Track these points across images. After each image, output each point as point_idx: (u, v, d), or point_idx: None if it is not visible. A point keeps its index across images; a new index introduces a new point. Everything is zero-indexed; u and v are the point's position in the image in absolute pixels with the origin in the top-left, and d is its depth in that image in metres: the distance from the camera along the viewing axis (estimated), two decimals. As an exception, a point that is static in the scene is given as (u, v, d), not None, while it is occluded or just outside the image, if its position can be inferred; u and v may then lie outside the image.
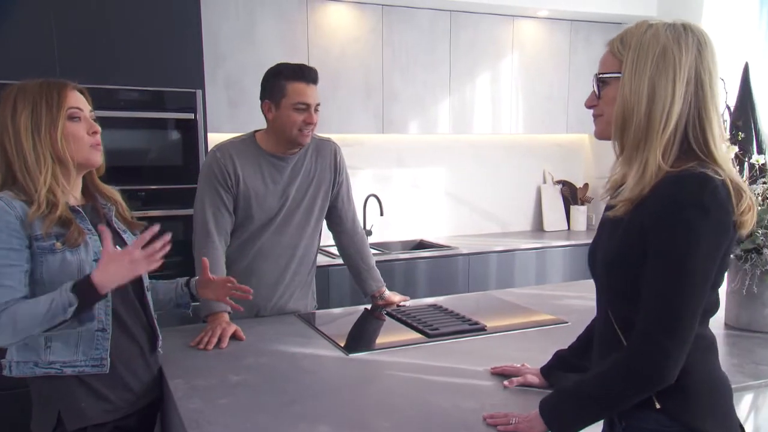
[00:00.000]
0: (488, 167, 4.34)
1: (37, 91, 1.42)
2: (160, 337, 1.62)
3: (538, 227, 4.51)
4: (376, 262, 3.39)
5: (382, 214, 3.86)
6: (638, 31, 1.15)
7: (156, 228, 1.41)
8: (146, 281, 1.60)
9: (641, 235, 1.13)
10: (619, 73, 1.16)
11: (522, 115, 4.10)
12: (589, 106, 1.27)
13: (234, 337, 1.85)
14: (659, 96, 1.12)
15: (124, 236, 1.56)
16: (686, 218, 1.08)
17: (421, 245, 4.00)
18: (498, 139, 4.31)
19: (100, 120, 1.53)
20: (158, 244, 1.41)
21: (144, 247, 1.39)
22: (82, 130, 1.46)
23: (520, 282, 3.81)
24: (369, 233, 3.93)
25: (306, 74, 2.02)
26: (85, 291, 1.35)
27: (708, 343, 1.21)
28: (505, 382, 1.51)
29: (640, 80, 1.13)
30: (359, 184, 3.96)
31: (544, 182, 4.52)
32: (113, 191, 1.61)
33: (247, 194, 2.05)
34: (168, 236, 1.43)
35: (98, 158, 1.50)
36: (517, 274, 3.85)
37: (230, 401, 1.40)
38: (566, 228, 4.49)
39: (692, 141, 1.14)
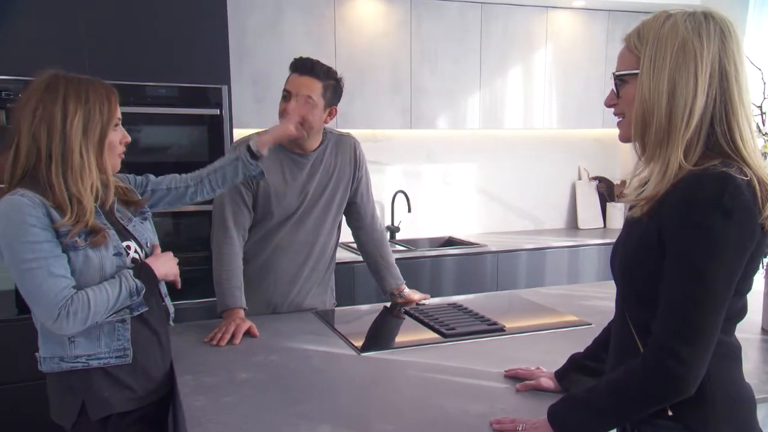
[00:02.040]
0: (520, 163, 4.25)
1: (92, 92, 1.42)
2: (171, 313, 1.64)
3: (573, 225, 4.39)
4: (403, 259, 3.37)
5: (409, 211, 3.82)
6: (655, 24, 1.08)
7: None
8: None
9: (659, 236, 1.07)
10: (637, 70, 1.10)
11: (556, 109, 3.99)
12: (608, 105, 1.20)
13: (248, 333, 1.84)
14: (680, 93, 1.05)
15: (129, 226, 1.56)
16: (705, 221, 1.01)
17: (450, 242, 3.94)
18: (530, 134, 4.20)
19: (127, 116, 1.55)
20: None
21: None
22: (117, 139, 1.48)
23: (551, 281, 3.71)
24: (397, 230, 3.90)
25: (298, 64, 2.00)
26: (148, 277, 1.46)
27: (730, 350, 1.13)
28: (518, 386, 1.46)
29: (659, 77, 1.06)
30: (388, 180, 3.92)
31: (580, 178, 4.40)
32: (108, 180, 1.58)
33: (267, 191, 2.03)
34: None
35: (119, 166, 1.53)
36: (548, 274, 3.75)
37: (235, 399, 1.39)
38: (602, 226, 4.36)
39: (719, 136, 1.07)
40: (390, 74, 3.59)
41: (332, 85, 2.01)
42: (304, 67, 1.98)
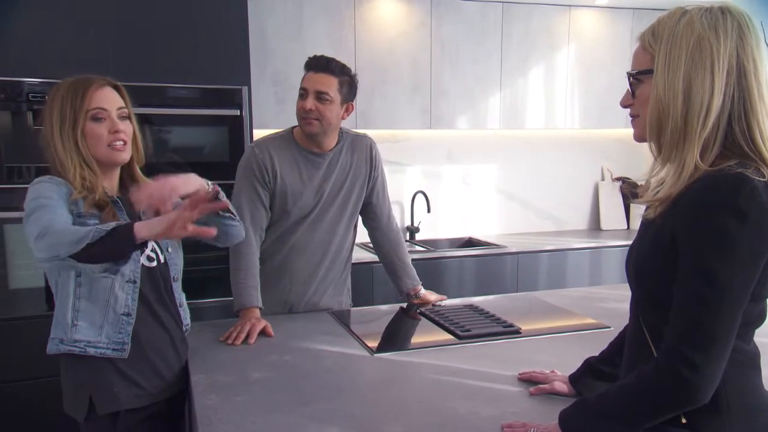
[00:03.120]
0: (542, 163, 4.20)
1: (65, 90, 1.49)
2: (185, 323, 1.66)
3: (596, 226, 4.33)
4: (422, 259, 3.37)
5: (429, 211, 3.81)
6: (670, 22, 1.05)
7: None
8: (173, 272, 1.63)
9: (672, 239, 1.04)
10: (652, 69, 1.07)
11: (578, 109, 3.95)
12: (624, 105, 1.18)
13: (263, 333, 1.85)
14: (696, 91, 1.02)
15: None
16: (719, 223, 0.98)
17: (470, 243, 3.92)
18: (552, 134, 4.16)
19: (149, 117, 1.58)
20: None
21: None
22: (103, 130, 1.50)
23: (572, 283, 3.67)
24: (416, 230, 3.89)
25: (313, 62, 2.02)
26: (121, 229, 1.30)
27: (747, 358, 1.10)
28: (531, 389, 1.44)
29: (674, 76, 1.03)
30: (407, 181, 3.92)
31: (603, 179, 4.34)
32: (142, 179, 1.64)
33: (284, 190, 2.05)
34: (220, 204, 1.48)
35: (120, 156, 1.53)
36: (569, 275, 3.71)
37: (246, 399, 1.40)
38: (626, 227, 4.29)
39: (738, 135, 1.03)
40: (410, 75, 3.58)
41: (347, 81, 2.02)
42: (319, 64, 1.99)
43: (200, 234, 1.32)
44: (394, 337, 2.00)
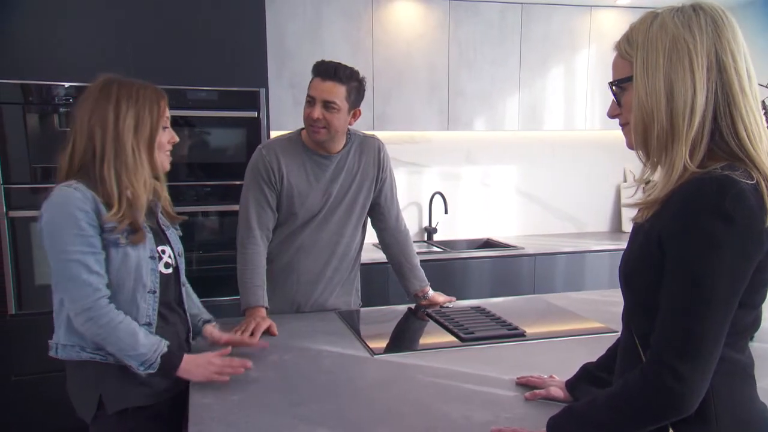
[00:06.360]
0: (562, 165, 4.16)
1: (142, 95, 1.49)
2: (191, 330, 1.68)
3: (617, 228, 4.27)
4: (437, 260, 3.36)
5: (446, 212, 3.80)
6: (643, 26, 1.04)
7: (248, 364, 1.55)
8: (182, 277, 1.66)
9: (659, 243, 1.03)
10: (632, 76, 1.06)
11: (598, 110, 3.89)
12: (612, 116, 1.16)
13: (268, 332, 1.87)
14: (678, 91, 1.00)
15: (167, 232, 1.64)
16: (705, 226, 0.95)
17: (488, 244, 3.90)
18: (572, 135, 4.11)
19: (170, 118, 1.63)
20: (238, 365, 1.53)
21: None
22: (166, 139, 1.55)
23: (590, 285, 3.62)
24: (434, 231, 3.89)
25: (321, 69, 1.99)
26: (169, 365, 1.49)
27: (739, 368, 1.06)
28: (527, 394, 1.43)
29: (654, 79, 1.02)
30: (426, 182, 3.92)
31: (625, 181, 4.27)
32: (161, 187, 1.66)
33: (291, 192, 2.07)
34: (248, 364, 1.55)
35: (168, 165, 1.59)
36: (587, 277, 3.66)
37: (241, 398, 1.42)
38: (649, 230, 4.21)
39: (724, 131, 1.01)
40: (427, 76, 3.58)
41: (356, 87, 2.02)
42: (326, 71, 1.98)
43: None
44: (397, 339, 2.00)
